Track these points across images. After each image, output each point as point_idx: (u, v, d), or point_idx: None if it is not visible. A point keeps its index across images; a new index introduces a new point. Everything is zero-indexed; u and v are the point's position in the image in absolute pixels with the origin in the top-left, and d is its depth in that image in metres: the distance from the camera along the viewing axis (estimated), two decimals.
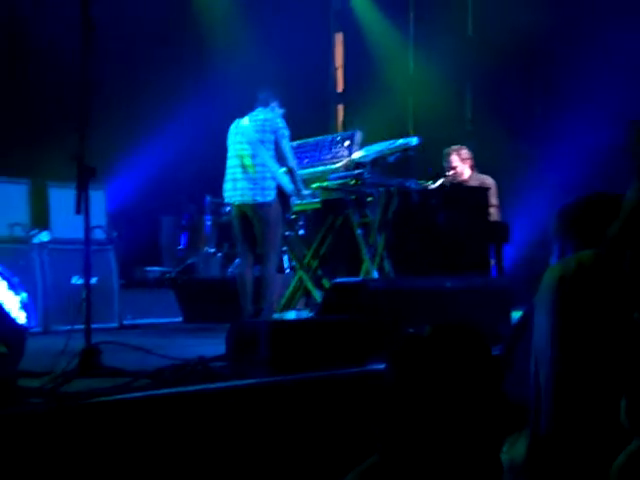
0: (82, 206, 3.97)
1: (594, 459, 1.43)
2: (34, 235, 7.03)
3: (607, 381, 1.62)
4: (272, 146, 6.36)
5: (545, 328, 1.91)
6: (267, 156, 6.33)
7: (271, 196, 6.31)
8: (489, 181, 7.71)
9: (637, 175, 1.27)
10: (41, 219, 7.29)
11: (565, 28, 9.56)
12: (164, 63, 9.87)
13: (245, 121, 6.51)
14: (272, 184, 6.32)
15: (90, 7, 4.00)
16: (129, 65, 9.41)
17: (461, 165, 7.73)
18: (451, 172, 7.70)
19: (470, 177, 7.75)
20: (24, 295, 3.97)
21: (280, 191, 6.38)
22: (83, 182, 3.98)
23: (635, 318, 1.30)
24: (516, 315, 4.54)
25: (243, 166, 6.38)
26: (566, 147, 8.98)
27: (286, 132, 6.41)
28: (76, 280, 6.72)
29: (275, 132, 6.36)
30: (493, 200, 7.52)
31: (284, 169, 6.47)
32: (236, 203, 6.42)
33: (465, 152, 7.80)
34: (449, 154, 7.78)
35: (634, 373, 1.38)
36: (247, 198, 6.34)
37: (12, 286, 3.68)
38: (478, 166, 8.01)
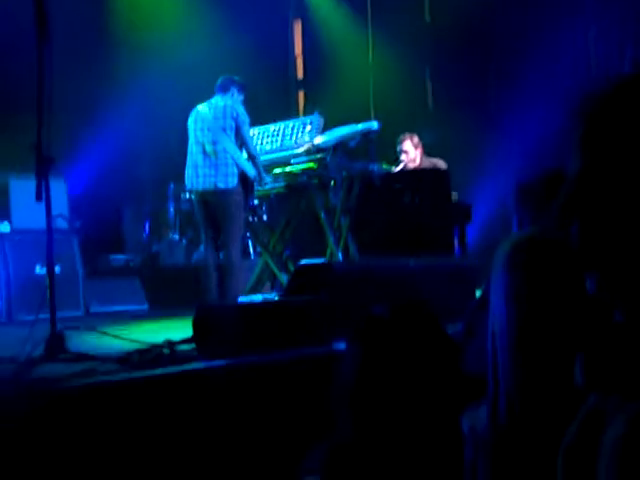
0: (42, 193, 3.94)
1: (557, 440, 1.46)
2: None
3: (563, 353, 1.65)
4: (233, 133, 6.36)
5: (499, 303, 1.95)
6: (228, 142, 6.32)
7: (233, 182, 6.31)
8: (441, 163, 7.79)
9: (577, 150, 1.30)
10: (1, 211, 7.21)
11: (518, 15, 9.73)
12: (120, 48, 9.78)
13: (205, 108, 6.49)
14: (234, 170, 6.31)
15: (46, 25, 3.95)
16: (84, 52, 9.28)
17: (413, 151, 7.81)
18: (403, 157, 7.77)
19: (421, 162, 7.84)
20: None
21: (242, 177, 6.38)
22: (42, 170, 3.96)
23: (588, 289, 1.34)
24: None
25: (204, 153, 6.38)
26: (520, 129, 9.13)
27: (246, 119, 6.41)
28: (39, 269, 6.67)
29: (235, 119, 6.36)
30: None
31: (245, 155, 6.47)
32: (198, 189, 6.41)
33: (416, 138, 7.90)
34: (403, 140, 7.86)
35: (589, 333, 1.41)
36: (209, 185, 6.33)
37: None
38: (439, 148, 8.10)
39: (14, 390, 3.08)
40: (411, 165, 7.78)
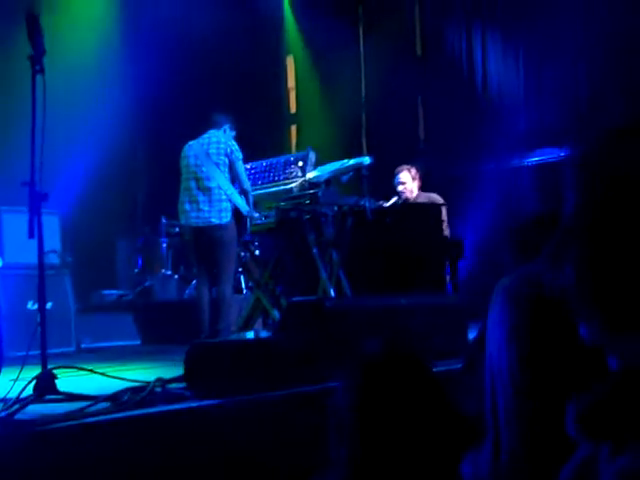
0: (35, 230, 3.93)
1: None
2: None
3: (564, 397, 1.64)
4: (226, 169, 6.41)
5: (498, 344, 1.94)
6: (222, 178, 6.36)
7: (227, 218, 6.34)
8: (437, 198, 7.80)
9: (574, 190, 1.30)
10: None
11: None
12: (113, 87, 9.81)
13: (198, 144, 6.53)
14: (228, 206, 6.35)
15: (41, 51, 3.96)
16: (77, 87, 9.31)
17: (411, 183, 7.82)
18: (400, 188, 7.78)
19: (418, 196, 7.84)
20: None
21: (236, 212, 6.40)
22: (35, 206, 3.95)
23: (581, 336, 1.33)
24: (473, 331, 4.59)
25: (199, 188, 6.41)
26: (510, 163, 9.21)
27: (240, 155, 6.47)
28: (31, 305, 6.64)
29: (229, 155, 6.41)
30: (442, 216, 7.62)
31: (238, 190, 6.50)
32: (192, 225, 6.43)
33: (415, 171, 7.90)
34: (400, 171, 7.88)
35: (581, 381, 1.40)
36: (203, 220, 6.35)
37: None
38: (431, 182, 8.14)
39: (2, 431, 3.05)
40: (407, 196, 7.78)
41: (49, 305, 6.35)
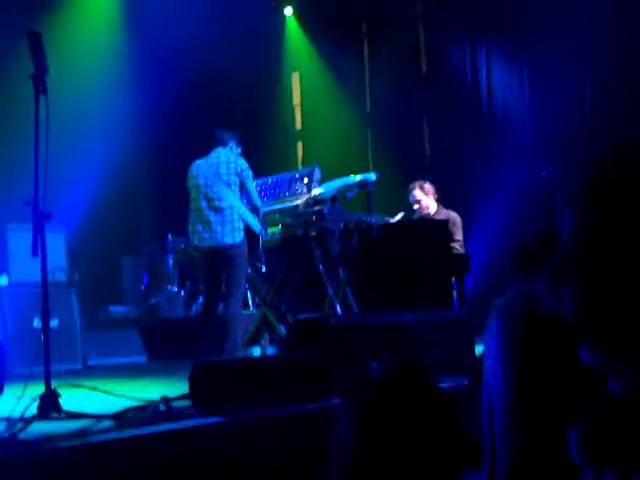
0: (38, 249, 3.94)
1: None
2: None
3: (562, 424, 1.62)
4: (237, 187, 6.36)
5: (495, 369, 1.92)
6: (234, 198, 6.31)
7: (240, 237, 6.28)
8: (454, 215, 7.72)
9: (573, 210, 1.28)
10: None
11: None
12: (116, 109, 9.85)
13: (207, 163, 6.43)
14: (240, 225, 6.29)
15: (43, 70, 3.97)
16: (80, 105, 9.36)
17: (425, 198, 7.72)
18: (416, 206, 7.72)
19: (437, 212, 7.75)
20: None
21: (248, 230, 6.36)
22: (39, 226, 3.96)
23: (581, 359, 1.31)
24: (480, 347, 4.56)
25: (210, 209, 6.33)
26: (518, 177, 9.19)
27: (250, 173, 6.40)
28: (37, 323, 6.65)
29: (240, 174, 6.34)
30: (458, 235, 7.56)
31: (249, 208, 6.47)
32: (205, 246, 6.36)
33: (428, 186, 7.80)
34: (412, 188, 7.79)
35: (582, 406, 1.39)
36: (216, 241, 6.28)
37: None
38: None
39: (5, 451, 3.03)
40: (425, 212, 7.70)
41: (55, 322, 6.38)
